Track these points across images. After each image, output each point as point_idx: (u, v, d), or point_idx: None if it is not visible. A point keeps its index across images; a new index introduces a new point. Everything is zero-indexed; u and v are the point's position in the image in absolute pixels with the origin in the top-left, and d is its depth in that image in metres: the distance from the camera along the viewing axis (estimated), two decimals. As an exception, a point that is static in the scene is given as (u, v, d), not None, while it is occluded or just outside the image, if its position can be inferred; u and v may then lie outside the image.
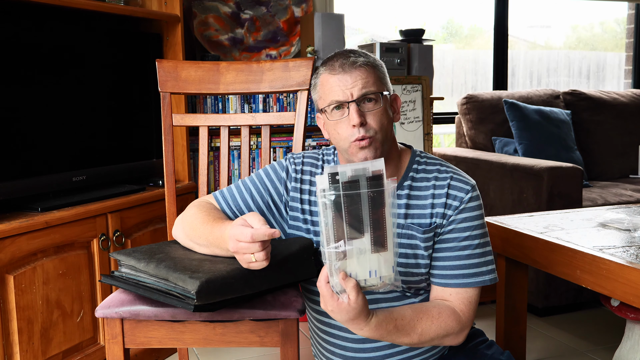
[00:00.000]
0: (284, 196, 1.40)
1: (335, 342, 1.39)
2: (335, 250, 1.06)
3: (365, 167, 1.06)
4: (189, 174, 2.56)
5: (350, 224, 1.06)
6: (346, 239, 1.06)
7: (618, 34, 4.67)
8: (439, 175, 1.35)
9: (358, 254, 1.07)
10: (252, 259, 1.12)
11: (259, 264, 1.13)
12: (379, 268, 1.08)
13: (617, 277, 1.46)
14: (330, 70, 1.31)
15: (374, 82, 1.29)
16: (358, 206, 1.06)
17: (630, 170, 3.51)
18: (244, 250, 1.12)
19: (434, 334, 1.25)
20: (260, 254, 1.12)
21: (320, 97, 1.34)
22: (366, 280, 1.09)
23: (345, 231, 1.05)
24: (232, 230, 1.13)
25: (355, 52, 1.32)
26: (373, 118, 1.28)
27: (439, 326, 1.25)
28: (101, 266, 2.11)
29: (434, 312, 1.26)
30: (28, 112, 1.98)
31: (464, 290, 1.30)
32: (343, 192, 1.05)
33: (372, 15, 3.98)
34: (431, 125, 2.97)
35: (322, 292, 1.11)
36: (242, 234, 1.11)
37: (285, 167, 1.42)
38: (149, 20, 2.51)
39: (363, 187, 1.06)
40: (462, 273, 1.30)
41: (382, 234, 1.07)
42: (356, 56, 1.30)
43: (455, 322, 1.27)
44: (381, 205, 1.06)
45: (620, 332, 1.98)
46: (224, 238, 1.20)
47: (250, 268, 1.15)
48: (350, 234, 1.06)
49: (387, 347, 1.35)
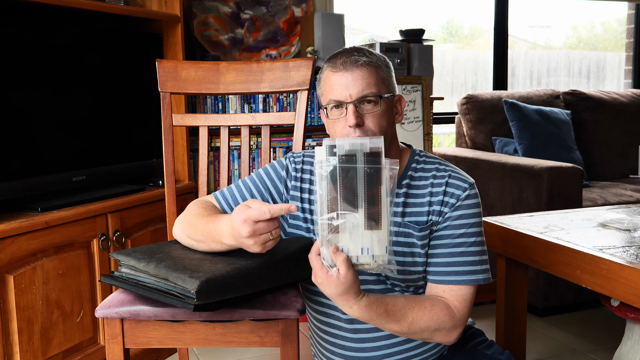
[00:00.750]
0: (283, 195, 1.40)
1: (335, 341, 1.39)
2: (328, 221, 1.06)
3: (363, 143, 1.07)
4: (189, 174, 2.56)
5: (344, 197, 1.05)
6: (339, 212, 1.05)
7: (618, 34, 4.67)
8: (437, 173, 1.34)
9: (351, 228, 1.06)
10: (269, 236, 1.12)
11: (274, 242, 1.14)
12: (372, 246, 1.07)
13: (617, 277, 1.46)
14: (332, 67, 1.30)
15: (376, 83, 1.28)
16: (354, 180, 1.06)
17: (630, 170, 3.51)
18: (262, 230, 1.11)
19: (424, 325, 1.24)
20: (276, 231, 1.13)
21: (322, 94, 1.34)
22: (358, 258, 1.08)
23: (339, 204, 1.05)
24: (241, 215, 1.12)
25: (360, 50, 1.31)
26: (371, 120, 1.27)
27: (430, 318, 1.24)
28: (101, 266, 2.11)
29: (426, 304, 1.26)
30: (28, 112, 1.98)
31: (457, 287, 1.30)
32: (339, 165, 1.05)
33: (372, 15, 3.98)
34: (431, 125, 2.97)
35: (312, 264, 1.11)
36: (259, 213, 1.10)
37: (285, 165, 1.42)
38: (149, 20, 2.51)
39: (360, 162, 1.06)
40: (456, 270, 1.30)
41: (376, 211, 1.06)
42: (360, 55, 1.29)
43: (448, 317, 1.26)
44: (377, 183, 1.06)
45: (620, 332, 1.98)
46: (219, 231, 1.20)
47: (265, 249, 1.14)
48: (344, 207, 1.05)
49: (386, 347, 1.35)
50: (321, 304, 1.40)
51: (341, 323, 1.37)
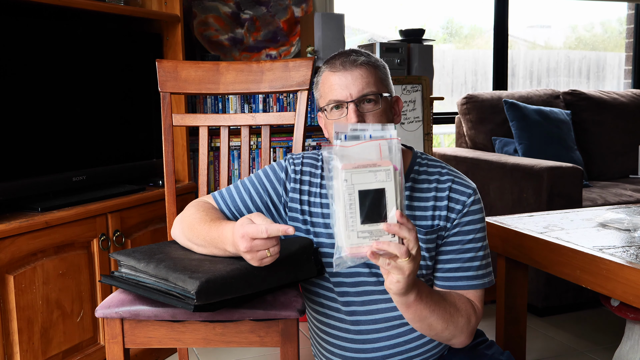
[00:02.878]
0: (282, 197, 1.40)
1: (335, 342, 1.39)
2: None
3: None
4: (189, 174, 2.56)
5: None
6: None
7: (618, 34, 4.67)
8: (440, 177, 1.35)
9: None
10: (267, 254, 1.12)
11: (272, 258, 1.14)
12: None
13: (617, 277, 1.46)
14: (331, 68, 1.31)
15: (375, 82, 1.29)
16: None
17: (630, 170, 3.51)
18: (259, 247, 1.11)
19: (460, 327, 1.26)
20: (275, 249, 1.13)
21: (321, 96, 1.34)
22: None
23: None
24: (241, 229, 1.12)
25: (357, 51, 1.32)
26: (372, 119, 1.28)
27: (460, 319, 1.26)
28: (101, 266, 2.11)
29: (460, 307, 1.28)
30: (28, 112, 1.98)
31: (470, 292, 1.31)
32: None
33: (372, 15, 3.98)
34: (431, 125, 2.97)
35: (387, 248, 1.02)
36: (257, 232, 1.10)
37: (285, 167, 1.42)
38: (149, 20, 2.51)
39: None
40: (467, 275, 1.31)
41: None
42: (357, 55, 1.30)
43: (469, 322, 1.28)
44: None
45: (620, 332, 1.98)
46: (222, 238, 1.20)
47: (262, 264, 1.14)
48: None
49: (387, 348, 1.35)
50: (321, 305, 1.40)
51: (343, 324, 1.37)
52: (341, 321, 1.37)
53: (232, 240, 1.17)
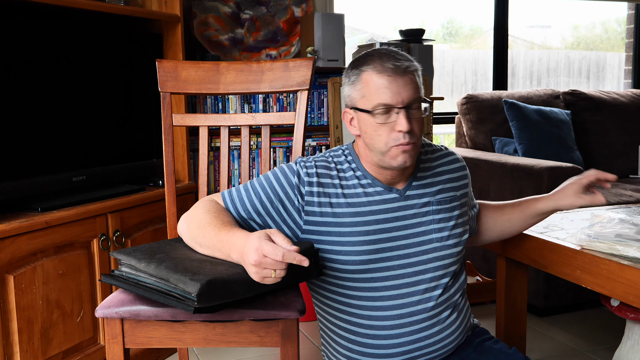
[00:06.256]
0: (296, 201, 1.37)
1: (354, 339, 1.39)
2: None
3: None
4: (189, 174, 2.56)
5: None
6: None
7: (618, 34, 4.67)
8: (437, 155, 1.50)
9: None
10: (271, 274, 1.11)
11: (274, 280, 1.12)
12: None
13: (617, 277, 1.46)
14: (378, 70, 1.29)
15: (419, 88, 1.33)
16: None
17: (630, 170, 3.51)
18: (268, 265, 1.10)
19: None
20: (281, 272, 1.11)
21: (364, 96, 1.31)
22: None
23: None
24: (257, 242, 1.11)
25: (401, 54, 1.33)
26: (417, 125, 1.31)
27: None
28: (101, 266, 2.11)
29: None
30: (28, 113, 1.98)
31: None
32: None
33: (372, 15, 3.98)
34: (431, 125, 2.97)
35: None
36: (273, 252, 1.09)
37: (296, 171, 1.38)
38: (149, 20, 2.51)
39: None
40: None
41: None
42: (404, 59, 1.31)
43: None
44: None
45: (620, 332, 1.98)
46: (229, 244, 1.19)
47: (262, 282, 1.13)
48: None
49: (407, 344, 1.37)
50: (341, 302, 1.39)
51: (361, 320, 1.37)
52: (362, 318, 1.38)
53: (241, 249, 1.15)
